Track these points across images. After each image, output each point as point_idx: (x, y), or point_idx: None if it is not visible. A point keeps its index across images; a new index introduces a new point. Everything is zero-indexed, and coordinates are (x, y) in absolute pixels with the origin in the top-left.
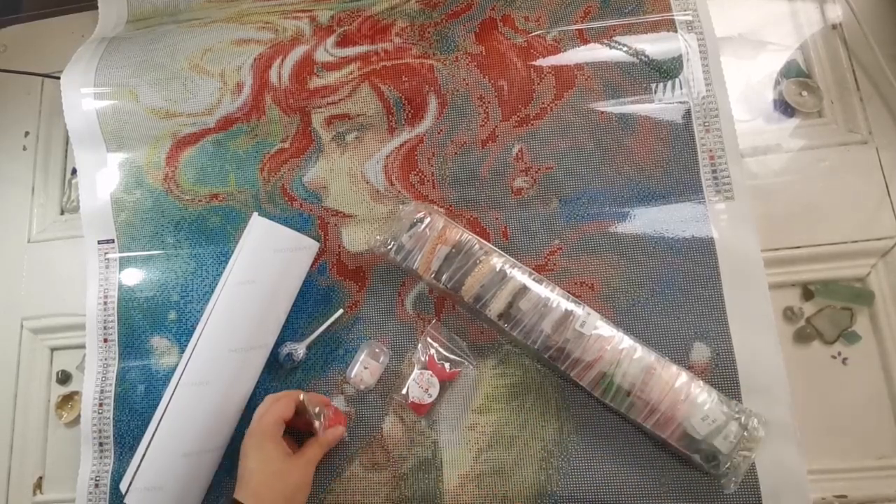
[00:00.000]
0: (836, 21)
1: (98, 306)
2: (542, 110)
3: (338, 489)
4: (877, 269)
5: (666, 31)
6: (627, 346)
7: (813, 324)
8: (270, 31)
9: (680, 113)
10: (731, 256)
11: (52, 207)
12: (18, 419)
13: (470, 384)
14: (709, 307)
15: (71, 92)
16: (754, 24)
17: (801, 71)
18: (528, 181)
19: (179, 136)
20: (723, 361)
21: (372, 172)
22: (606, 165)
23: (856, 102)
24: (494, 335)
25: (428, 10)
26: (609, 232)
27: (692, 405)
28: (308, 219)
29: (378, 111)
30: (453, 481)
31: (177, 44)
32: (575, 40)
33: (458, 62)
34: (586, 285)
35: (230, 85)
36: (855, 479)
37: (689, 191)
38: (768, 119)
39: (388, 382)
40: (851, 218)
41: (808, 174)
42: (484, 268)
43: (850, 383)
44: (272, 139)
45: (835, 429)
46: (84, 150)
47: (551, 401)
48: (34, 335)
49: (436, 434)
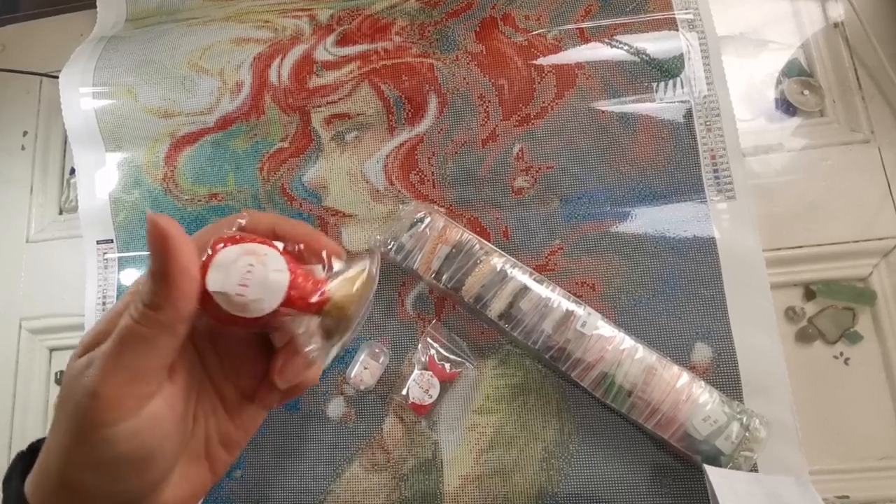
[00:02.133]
0: (838, 20)
1: (97, 306)
2: (543, 109)
3: (337, 490)
4: (879, 269)
5: (667, 29)
6: (629, 347)
7: (815, 324)
8: (270, 29)
9: (681, 112)
10: (733, 256)
11: (50, 207)
12: (17, 420)
13: (470, 385)
14: (710, 307)
15: (69, 91)
16: (756, 23)
17: (803, 70)
18: (529, 181)
19: (178, 136)
20: (724, 362)
21: (372, 172)
22: (607, 165)
23: (858, 101)
24: (495, 335)
25: (428, 9)
26: (610, 232)
27: (694, 406)
28: (308, 218)
29: (378, 110)
30: (454, 482)
31: (176, 43)
32: (576, 39)
33: (458, 61)
34: (587, 285)
35: (229, 84)
36: (857, 480)
37: (690, 190)
38: (770, 118)
39: (388, 383)
40: (853, 217)
41: (809, 174)
42: (484, 268)
43: (852, 383)
44: (271, 138)
45: (837, 429)
46: (83, 150)
47: (552, 401)
48: (32, 335)
49: (436, 435)
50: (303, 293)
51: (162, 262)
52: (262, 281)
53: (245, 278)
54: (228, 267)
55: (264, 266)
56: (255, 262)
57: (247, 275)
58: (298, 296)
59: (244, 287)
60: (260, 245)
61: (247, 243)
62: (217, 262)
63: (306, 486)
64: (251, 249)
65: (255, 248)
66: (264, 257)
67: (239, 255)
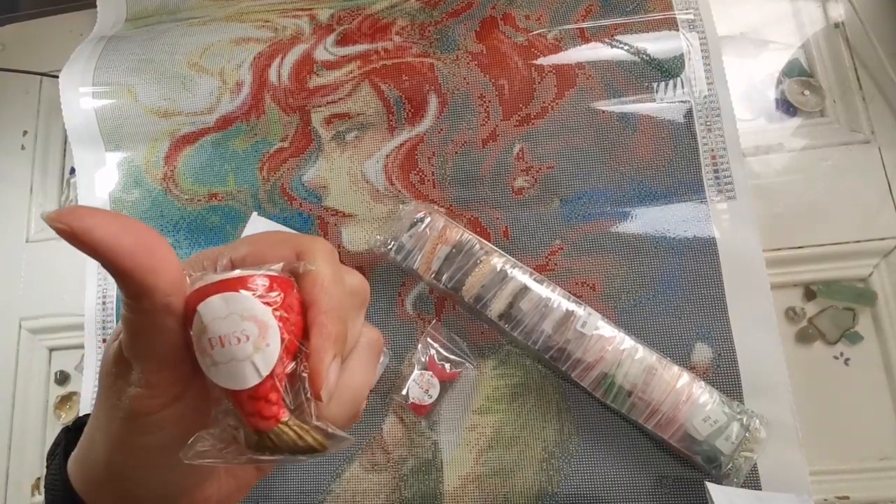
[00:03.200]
0: (839, 20)
1: (97, 306)
2: (543, 109)
3: (337, 490)
4: (879, 269)
5: (667, 29)
6: (629, 347)
7: (815, 324)
8: (270, 29)
9: (681, 112)
10: (733, 256)
11: (50, 207)
12: (17, 420)
13: (470, 385)
14: (710, 307)
15: (69, 91)
16: (756, 23)
17: (804, 70)
18: (529, 181)
19: (178, 136)
20: (724, 362)
21: (372, 172)
22: (608, 165)
23: (858, 102)
24: (495, 335)
25: (428, 9)
26: (610, 232)
27: (694, 406)
28: (308, 218)
29: (378, 110)
30: (454, 482)
31: (176, 42)
32: (576, 39)
33: (458, 61)
34: (587, 285)
35: (229, 84)
36: (857, 480)
37: (690, 190)
38: (770, 118)
39: (388, 383)
40: (854, 218)
41: (810, 174)
42: (484, 268)
43: (852, 384)
44: (272, 138)
45: (837, 429)
46: (82, 150)
47: (552, 401)
48: (32, 335)
49: (436, 435)
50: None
51: (125, 268)
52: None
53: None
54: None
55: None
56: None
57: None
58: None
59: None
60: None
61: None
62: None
63: (306, 486)
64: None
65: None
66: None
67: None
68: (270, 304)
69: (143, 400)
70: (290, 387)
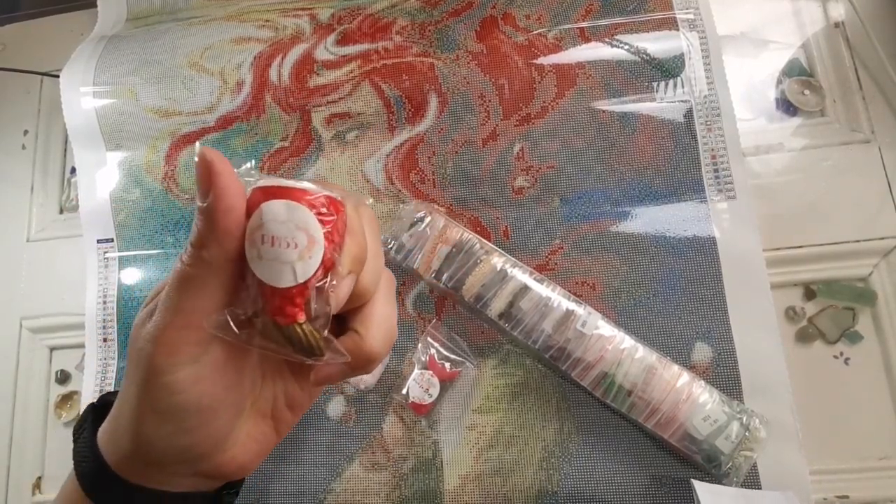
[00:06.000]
0: (839, 20)
1: (97, 306)
2: (544, 109)
3: (337, 489)
4: (879, 269)
5: (668, 29)
6: (629, 346)
7: (815, 324)
8: (270, 29)
9: (682, 112)
10: (733, 256)
11: (51, 206)
12: (17, 419)
13: (470, 384)
14: (710, 307)
15: (70, 90)
16: (756, 23)
17: (804, 70)
18: (529, 180)
19: (179, 135)
20: (724, 361)
21: (372, 171)
22: (608, 164)
23: (858, 101)
24: (495, 335)
25: (428, 9)
26: (610, 231)
27: (694, 405)
28: None
29: (378, 110)
30: (454, 481)
31: (176, 42)
32: (576, 39)
33: (458, 60)
34: (587, 285)
35: (230, 83)
36: (857, 480)
37: (690, 190)
38: (770, 118)
39: (388, 382)
40: (854, 217)
41: (810, 173)
42: (485, 267)
43: (852, 383)
44: (272, 138)
45: (837, 429)
46: (83, 149)
47: (552, 401)
48: (33, 335)
49: (436, 434)
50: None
51: (206, 199)
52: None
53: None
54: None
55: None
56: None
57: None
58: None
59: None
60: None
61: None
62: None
63: (307, 485)
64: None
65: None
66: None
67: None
68: (324, 222)
69: (160, 357)
70: (315, 297)
